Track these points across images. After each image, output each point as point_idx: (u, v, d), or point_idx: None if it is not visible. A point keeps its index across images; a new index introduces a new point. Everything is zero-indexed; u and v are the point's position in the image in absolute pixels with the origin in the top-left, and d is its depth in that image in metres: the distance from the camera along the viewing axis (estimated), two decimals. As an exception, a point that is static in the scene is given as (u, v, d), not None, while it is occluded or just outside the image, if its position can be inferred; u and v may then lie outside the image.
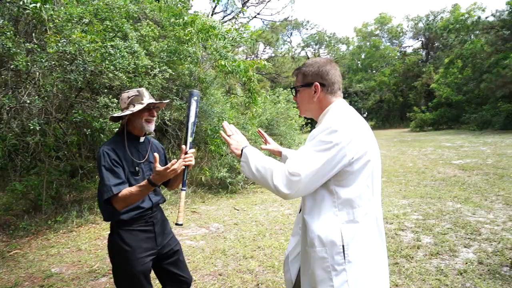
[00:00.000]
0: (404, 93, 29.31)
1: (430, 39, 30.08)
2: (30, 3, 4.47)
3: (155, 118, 1.90)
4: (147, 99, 1.85)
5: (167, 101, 2.07)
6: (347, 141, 1.23)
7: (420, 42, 31.78)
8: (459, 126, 20.21)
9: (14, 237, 4.44)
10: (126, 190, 1.68)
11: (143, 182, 1.67)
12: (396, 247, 3.63)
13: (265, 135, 1.98)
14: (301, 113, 1.56)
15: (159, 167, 1.61)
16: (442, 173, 7.44)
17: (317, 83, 1.40)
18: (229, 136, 1.52)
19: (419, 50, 32.16)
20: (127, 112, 1.80)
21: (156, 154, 1.63)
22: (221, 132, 1.57)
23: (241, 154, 1.41)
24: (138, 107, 1.80)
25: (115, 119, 1.93)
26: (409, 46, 37.29)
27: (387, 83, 29.87)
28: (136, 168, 1.85)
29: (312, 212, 1.31)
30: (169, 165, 1.59)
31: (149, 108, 1.85)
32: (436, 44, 30.00)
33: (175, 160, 1.63)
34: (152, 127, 1.88)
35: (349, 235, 1.24)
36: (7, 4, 6.48)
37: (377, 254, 1.31)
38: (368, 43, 33.97)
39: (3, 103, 4.82)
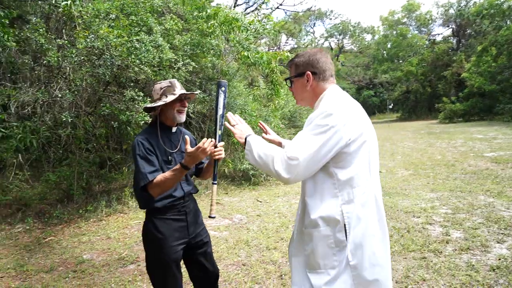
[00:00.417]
0: (433, 83, 28.17)
1: (461, 26, 28.63)
2: (62, 1, 4.62)
3: (186, 109, 1.95)
4: (179, 90, 1.90)
5: (198, 92, 2.11)
6: (342, 123, 1.29)
7: (451, 29, 30.34)
8: (492, 117, 19.22)
9: (49, 224, 4.68)
10: (160, 176, 1.74)
11: (176, 166, 1.73)
12: (424, 241, 3.53)
13: (265, 126, 2.01)
14: (297, 103, 1.65)
15: (190, 148, 1.67)
16: (473, 166, 7.13)
17: (308, 72, 1.47)
18: (233, 126, 1.58)
19: (449, 38, 30.72)
20: (160, 102, 1.85)
21: (187, 136, 1.69)
22: (226, 122, 1.62)
23: (245, 142, 1.47)
24: (170, 97, 1.84)
25: (148, 110, 1.98)
26: (438, 34, 35.63)
27: (415, 73, 28.78)
28: (169, 157, 1.90)
29: (314, 194, 1.38)
30: (200, 144, 1.64)
31: (180, 99, 1.90)
32: (468, 31, 28.53)
33: (206, 139, 1.67)
34: (183, 117, 1.93)
35: (350, 214, 1.32)
36: (39, 2, 6.75)
37: (377, 230, 1.36)
38: (394, 32, 32.75)
39: (36, 97, 5.05)
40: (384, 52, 34.41)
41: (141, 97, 5.02)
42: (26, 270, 3.38)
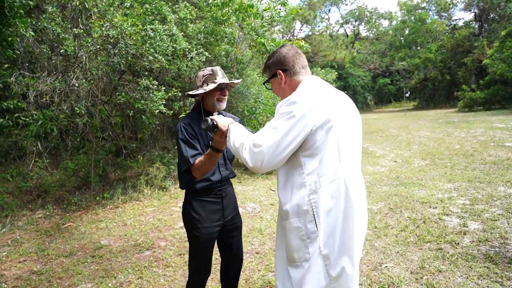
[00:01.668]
0: (452, 71, 27.26)
1: (484, 10, 27.45)
2: None
3: (226, 97, 2.00)
4: (220, 78, 1.94)
5: (239, 80, 2.15)
6: (307, 110, 1.29)
7: (473, 13, 29.13)
8: (514, 105, 18.57)
9: (68, 211, 4.82)
10: (199, 159, 1.82)
11: (208, 150, 1.77)
12: (440, 232, 3.47)
13: None
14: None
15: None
16: (493, 156, 6.92)
17: (279, 70, 1.50)
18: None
19: (471, 22, 29.51)
20: (200, 91, 1.92)
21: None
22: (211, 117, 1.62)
23: (227, 129, 1.49)
24: (210, 86, 1.90)
25: (191, 96, 2.05)
26: (459, 19, 34.18)
27: (433, 60, 27.88)
28: (210, 142, 1.96)
29: (285, 186, 1.38)
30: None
31: (221, 88, 1.94)
32: (492, 16, 27.33)
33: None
34: (223, 105, 1.98)
35: (317, 203, 1.31)
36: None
37: (347, 220, 1.33)
38: (413, 17, 31.73)
39: (54, 86, 5.14)
40: (402, 38, 33.44)
41: (155, 86, 5.04)
42: (47, 254, 3.51)
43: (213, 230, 1.98)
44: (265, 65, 1.60)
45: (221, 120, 1.54)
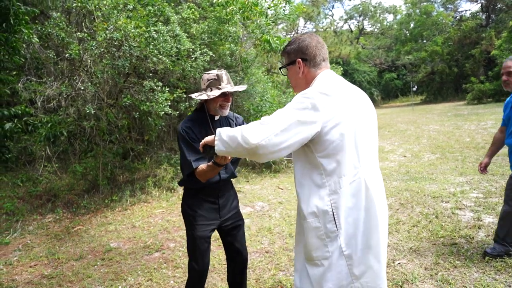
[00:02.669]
0: (460, 63, 26.82)
1: (491, 1, 26.95)
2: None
3: (229, 104, 1.97)
4: (225, 84, 1.92)
5: (244, 87, 2.11)
6: (322, 107, 1.24)
7: (480, 4, 28.62)
8: (525, 96, 18.16)
9: (77, 214, 4.84)
10: (201, 167, 1.81)
11: (210, 163, 1.76)
12: (454, 227, 3.39)
13: None
14: (294, 91, 1.59)
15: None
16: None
17: (299, 59, 1.44)
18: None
19: (477, 13, 28.99)
20: (203, 96, 1.89)
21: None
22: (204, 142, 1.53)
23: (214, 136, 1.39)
24: (213, 93, 1.88)
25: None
26: (466, 10, 33.60)
27: (440, 52, 27.46)
28: (212, 159, 1.93)
29: (302, 185, 1.36)
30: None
31: (224, 94, 1.91)
32: (499, 6, 26.81)
33: None
34: (226, 112, 1.97)
35: (338, 204, 1.29)
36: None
37: (369, 219, 1.32)
38: (418, 10, 31.31)
39: (61, 90, 5.17)
40: (407, 32, 33.03)
41: (160, 87, 5.04)
42: (58, 258, 3.52)
43: (207, 228, 2.01)
44: (284, 50, 1.54)
45: (210, 137, 1.48)
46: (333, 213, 1.29)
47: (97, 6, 5.16)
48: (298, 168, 1.38)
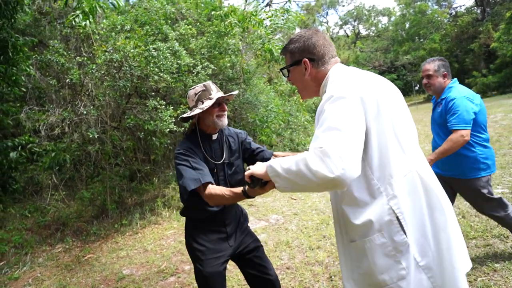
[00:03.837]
0: (460, 58, 26.70)
1: (484, -6, 26.98)
2: (78, 23, 4.59)
3: (226, 112, 1.77)
4: (215, 93, 1.73)
5: (236, 92, 1.93)
6: (357, 102, 1.09)
7: (473, -1, 28.69)
8: (530, 86, 17.95)
9: (87, 242, 4.69)
10: (218, 189, 1.55)
11: (237, 190, 1.48)
12: (484, 227, 3.19)
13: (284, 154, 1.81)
14: (301, 96, 1.45)
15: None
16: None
17: (305, 59, 1.29)
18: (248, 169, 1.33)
19: (472, 8, 29.03)
20: (197, 110, 1.69)
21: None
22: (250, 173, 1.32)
23: (266, 170, 1.19)
24: (207, 103, 1.68)
25: (185, 120, 1.81)
26: (460, 6, 33.78)
27: (439, 50, 27.38)
28: (214, 169, 1.76)
29: (350, 198, 1.15)
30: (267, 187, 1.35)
31: (219, 103, 1.73)
32: (493, -1, 26.84)
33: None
34: (225, 121, 1.75)
35: (401, 207, 1.10)
36: (58, 26, 6.89)
37: (436, 215, 1.13)
38: (412, 10, 31.44)
39: (63, 117, 5.11)
40: (403, 32, 33.11)
41: (163, 106, 4.96)
42: (69, 290, 3.36)
43: (218, 261, 1.74)
44: (286, 48, 1.37)
45: (254, 168, 1.27)
46: (399, 221, 1.10)
47: (95, 30, 5.13)
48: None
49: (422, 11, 29.71)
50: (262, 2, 19.62)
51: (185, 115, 1.75)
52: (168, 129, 4.89)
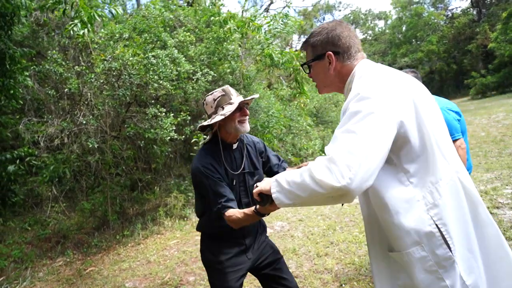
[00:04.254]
0: (458, 60, 26.79)
1: (480, -4, 27.16)
2: (76, 32, 4.55)
3: (248, 117, 1.67)
4: (235, 97, 1.63)
5: (257, 95, 1.85)
6: (387, 102, 0.98)
7: (469, 0, 28.87)
8: (529, 85, 17.94)
9: (88, 254, 4.59)
10: (234, 214, 1.49)
11: (249, 211, 1.43)
12: (497, 229, 3.10)
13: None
14: (320, 91, 1.34)
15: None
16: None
17: (329, 52, 1.18)
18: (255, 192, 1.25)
19: (468, 9, 29.21)
20: (218, 117, 1.56)
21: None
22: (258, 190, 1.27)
23: (271, 186, 1.13)
24: (228, 108, 1.57)
25: (204, 128, 1.71)
26: (456, 8, 34.00)
27: (436, 51, 27.48)
28: (233, 179, 1.67)
29: (384, 206, 1.03)
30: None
31: (240, 107, 1.62)
32: (488, 0, 27.01)
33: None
34: (247, 127, 1.64)
35: (443, 219, 1.00)
36: (55, 37, 6.88)
37: (482, 227, 1.04)
38: (408, 13, 31.62)
39: (62, 127, 5.04)
40: (400, 35, 33.26)
41: (163, 113, 4.89)
42: (71, 305, 3.25)
43: (237, 275, 1.65)
44: (307, 42, 1.25)
45: (265, 185, 1.19)
46: (441, 232, 0.99)
47: (93, 39, 5.09)
48: (371, 190, 1.06)
49: (418, 13, 29.89)
50: (260, 7, 19.76)
51: (205, 123, 1.64)
52: (169, 137, 4.82)
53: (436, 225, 1.00)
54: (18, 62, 5.13)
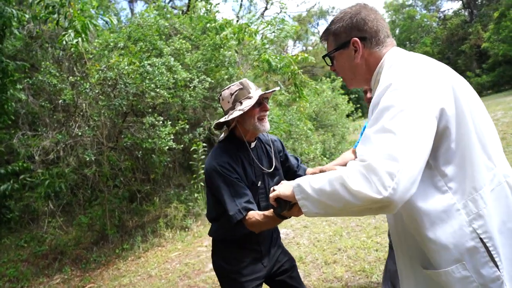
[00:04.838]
0: (452, 60, 26.96)
1: (471, -3, 27.49)
2: (70, 42, 4.45)
3: (268, 113, 1.52)
4: (254, 90, 1.49)
5: (278, 88, 1.70)
6: (425, 94, 0.84)
7: (461, 1, 29.20)
8: (525, 82, 18.04)
9: (87, 270, 4.43)
10: (254, 216, 1.37)
11: (270, 213, 1.30)
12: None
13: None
14: (349, 85, 1.19)
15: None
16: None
17: (355, 38, 1.03)
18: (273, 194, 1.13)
19: (460, 11, 29.54)
20: (236, 113, 1.42)
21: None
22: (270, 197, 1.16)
23: (293, 191, 0.99)
24: (247, 103, 1.42)
25: (220, 126, 1.58)
26: (448, 9, 34.39)
27: (430, 52, 27.65)
28: (252, 182, 1.54)
29: (415, 218, 0.89)
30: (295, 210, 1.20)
31: (259, 102, 1.47)
32: (479, 1, 27.33)
33: None
34: (267, 125, 1.50)
35: (489, 233, 0.85)
36: (49, 49, 6.79)
37: None
38: (401, 16, 31.93)
39: (57, 140, 4.92)
40: (394, 38, 33.56)
41: (161, 121, 4.79)
42: (69, 326, 3.10)
43: (254, 283, 1.54)
44: (328, 31, 1.11)
45: (284, 189, 1.06)
46: (486, 248, 0.84)
47: (87, 49, 5.00)
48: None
49: (411, 16, 30.20)
50: (255, 14, 19.84)
51: (221, 120, 1.49)
52: (167, 147, 4.71)
53: (481, 239, 0.86)
54: (11, 75, 5.03)
